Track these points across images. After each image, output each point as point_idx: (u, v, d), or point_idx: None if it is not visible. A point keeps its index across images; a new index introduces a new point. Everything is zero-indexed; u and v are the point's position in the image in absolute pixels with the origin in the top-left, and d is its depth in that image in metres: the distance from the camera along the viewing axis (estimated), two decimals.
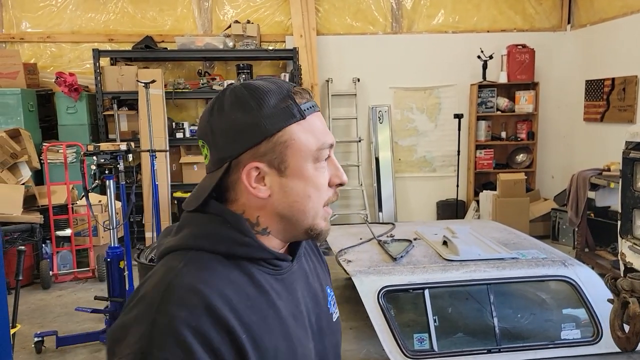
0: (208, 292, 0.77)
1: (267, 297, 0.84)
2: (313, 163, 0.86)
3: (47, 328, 3.79)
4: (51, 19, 6.28)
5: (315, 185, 0.86)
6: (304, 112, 0.85)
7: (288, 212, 0.86)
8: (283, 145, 0.84)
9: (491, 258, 3.25)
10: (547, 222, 6.05)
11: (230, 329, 0.76)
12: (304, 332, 0.89)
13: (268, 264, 0.87)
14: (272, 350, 0.81)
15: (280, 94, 0.85)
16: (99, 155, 3.34)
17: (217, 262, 0.82)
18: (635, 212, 2.29)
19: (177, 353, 0.71)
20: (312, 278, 0.97)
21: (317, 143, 0.86)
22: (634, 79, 5.19)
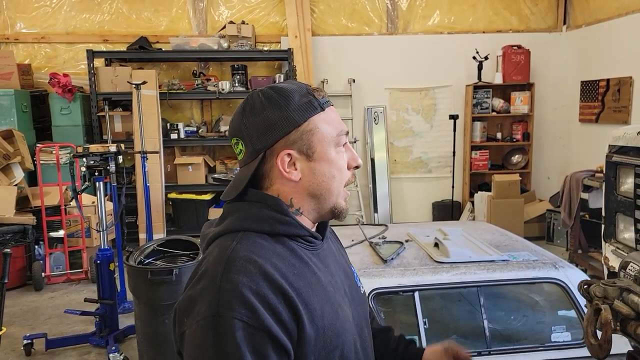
0: (261, 261, 0.91)
1: (309, 267, 0.98)
2: (334, 147, 1.02)
3: (38, 330, 3.78)
4: (46, 20, 6.27)
5: (337, 167, 1.02)
6: (323, 105, 1.02)
7: (317, 191, 1.01)
8: (309, 133, 0.99)
9: (482, 260, 3.22)
10: (542, 223, 6.04)
11: (284, 291, 0.89)
12: (342, 298, 1.03)
13: (304, 241, 1.02)
14: (319, 310, 0.94)
15: (301, 92, 1.01)
16: (88, 157, 3.33)
17: (263, 239, 0.97)
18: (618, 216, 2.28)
19: (244, 312, 0.85)
20: (339, 256, 1.14)
21: (336, 130, 1.02)
22: (628, 80, 5.18)
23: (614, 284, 1.07)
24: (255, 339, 0.84)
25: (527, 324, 3.52)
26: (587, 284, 1.12)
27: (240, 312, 0.84)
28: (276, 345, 0.86)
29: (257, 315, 0.85)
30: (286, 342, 0.88)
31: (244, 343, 0.84)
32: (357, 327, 1.05)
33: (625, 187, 2.26)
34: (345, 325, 0.99)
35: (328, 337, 0.94)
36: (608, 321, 1.02)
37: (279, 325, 0.87)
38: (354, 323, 1.03)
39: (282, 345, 0.87)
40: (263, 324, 0.85)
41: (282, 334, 0.87)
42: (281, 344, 0.87)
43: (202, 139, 6.20)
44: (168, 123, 6.14)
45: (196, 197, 6.13)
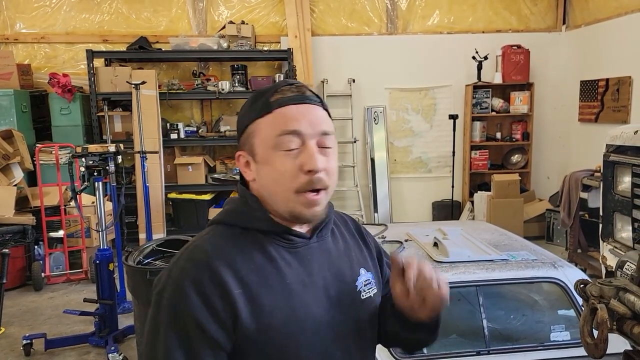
0: (213, 253, 0.96)
1: (274, 263, 0.98)
2: (276, 150, 0.97)
3: (37, 330, 3.77)
4: (45, 20, 6.28)
5: (279, 171, 0.97)
6: (271, 106, 0.97)
7: (266, 194, 1.01)
8: (251, 136, 1.00)
9: (481, 260, 3.23)
10: (542, 222, 6.03)
11: (223, 282, 0.92)
12: (315, 299, 1.00)
13: (280, 238, 1.01)
14: (269, 306, 0.94)
15: (263, 93, 1.00)
16: (87, 157, 3.33)
17: (234, 232, 1.00)
18: (616, 215, 2.28)
19: (176, 296, 0.92)
20: (337, 257, 1.08)
21: (277, 131, 0.96)
22: (627, 80, 5.18)
23: (610, 283, 1.07)
24: (184, 324, 0.91)
25: (526, 323, 3.52)
26: (583, 283, 1.12)
27: (173, 296, 0.92)
28: (204, 333, 0.91)
29: (188, 303, 0.91)
30: (216, 332, 0.91)
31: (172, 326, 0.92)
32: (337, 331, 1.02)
33: (623, 187, 2.26)
34: (307, 325, 0.97)
35: (276, 333, 0.94)
36: (604, 320, 1.02)
37: (210, 314, 0.91)
38: (330, 326, 1.01)
39: (210, 334, 0.91)
40: (192, 311, 0.90)
41: (213, 323, 0.91)
42: (210, 333, 0.91)
43: (202, 139, 6.21)
44: (168, 123, 6.14)
45: (196, 197, 6.13)
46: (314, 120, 0.98)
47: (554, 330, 3.13)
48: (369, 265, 1.15)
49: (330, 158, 1.00)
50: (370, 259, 1.18)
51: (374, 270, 1.16)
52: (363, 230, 1.22)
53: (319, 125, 0.99)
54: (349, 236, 1.16)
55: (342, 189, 6.59)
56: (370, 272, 1.13)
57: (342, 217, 1.22)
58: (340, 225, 1.17)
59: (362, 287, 1.09)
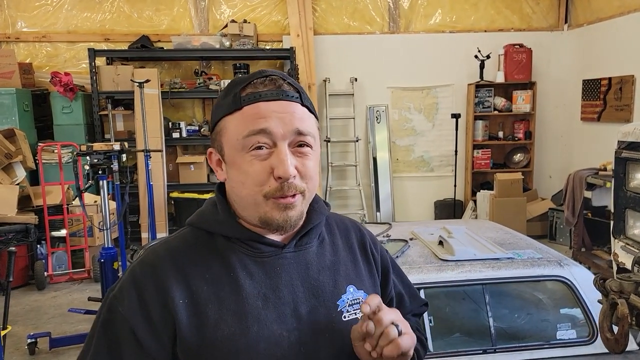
0: (163, 256, 0.90)
1: (232, 274, 0.89)
2: (243, 151, 0.87)
3: (41, 329, 3.77)
4: (47, 19, 6.26)
5: (246, 174, 0.87)
6: (240, 102, 0.88)
7: (235, 197, 0.92)
8: (219, 134, 0.91)
9: (487, 258, 3.23)
10: (544, 221, 6.03)
11: (166, 290, 0.86)
12: (278, 316, 0.89)
13: (246, 245, 0.92)
14: (214, 320, 0.86)
15: (235, 86, 0.91)
16: (92, 156, 3.32)
17: (197, 236, 0.94)
18: (627, 212, 2.28)
19: (117, 297, 0.88)
20: (316, 270, 0.95)
21: (245, 131, 0.86)
22: (630, 79, 5.18)
23: (630, 278, 1.06)
24: (117, 326, 0.86)
25: (531, 321, 3.52)
26: (603, 279, 1.12)
27: (116, 297, 0.88)
28: (134, 339, 0.85)
29: (126, 306, 0.86)
30: (148, 341, 0.84)
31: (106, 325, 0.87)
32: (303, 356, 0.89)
33: (635, 183, 2.25)
34: (259, 346, 0.86)
35: (219, 351, 0.85)
36: (625, 315, 1.01)
37: (145, 322, 0.85)
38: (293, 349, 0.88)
39: (140, 342, 0.84)
40: (128, 315, 0.85)
41: (146, 331, 0.85)
42: (140, 340, 0.84)
43: (204, 138, 6.20)
44: (170, 122, 6.13)
45: (198, 196, 6.12)
46: (287, 118, 0.87)
47: (560, 328, 3.14)
48: (362, 282, 1.00)
49: (308, 159, 0.89)
50: (369, 276, 1.03)
51: (371, 289, 1.01)
52: (368, 242, 1.07)
53: (292, 124, 0.87)
54: (343, 247, 1.03)
55: (344, 188, 6.58)
56: (363, 291, 0.98)
57: (346, 224, 1.09)
58: (336, 234, 1.04)
59: (346, 307, 0.95)
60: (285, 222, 0.88)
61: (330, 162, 6.45)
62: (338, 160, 6.55)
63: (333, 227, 1.06)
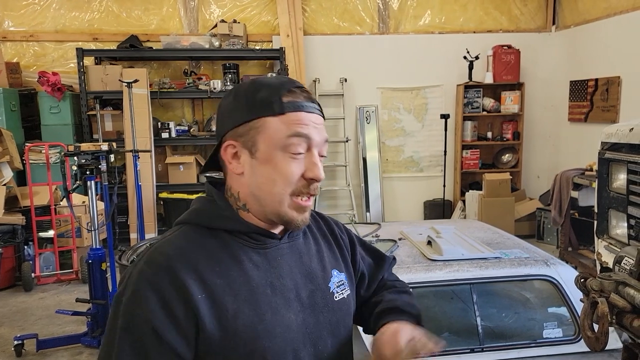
0: (175, 255, 0.91)
1: (240, 265, 0.95)
2: (282, 151, 0.94)
3: (28, 331, 3.73)
4: (34, 18, 6.21)
5: (281, 173, 0.94)
6: (284, 108, 0.94)
7: (257, 192, 0.96)
8: (256, 130, 0.95)
9: (474, 258, 3.26)
10: (532, 221, 6.09)
11: (185, 287, 0.88)
12: (285, 302, 0.97)
13: (249, 238, 0.98)
14: (232, 310, 0.91)
15: (273, 90, 0.96)
16: (79, 156, 3.30)
17: (199, 233, 0.97)
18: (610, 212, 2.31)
19: (135, 301, 0.88)
20: (307, 258, 1.06)
21: (288, 132, 0.94)
22: (616, 80, 5.24)
23: (610, 277, 1.08)
24: (140, 330, 0.86)
25: (519, 320, 3.55)
26: (583, 278, 1.14)
27: (132, 301, 0.88)
28: (160, 341, 0.86)
29: (146, 309, 0.86)
30: (174, 341, 0.87)
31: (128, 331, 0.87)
32: (309, 335, 0.99)
33: (618, 184, 2.29)
34: (276, 330, 0.94)
35: (241, 339, 0.90)
36: (605, 314, 1.03)
37: (169, 322, 0.87)
38: (302, 330, 0.98)
39: (167, 342, 0.86)
40: (150, 318, 0.86)
41: (172, 331, 0.87)
42: (167, 341, 0.86)
43: (194, 138, 6.18)
44: (159, 122, 6.10)
45: (188, 196, 6.09)
46: (320, 129, 0.98)
47: (546, 327, 3.17)
48: (341, 266, 1.13)
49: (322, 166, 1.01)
50: (343, 259, 1.15)
51: (346, 271, 1.14)
52: (335, 228, 1.19)
53: (323, 135, 0.99)
54: (320, 236, 1.14)
55: (334, 188, 6.59)
56: (343, 273, 1.11)
57: (314, 215, 1.19)
58: (312, 226, 1.14)
59: (335, 288, 1.07)
60: (303, 222, 0.99)
61: None
62: (328, 161, 6.56)
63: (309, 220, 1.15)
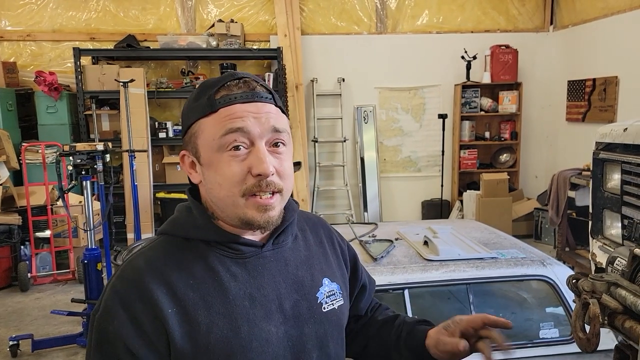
0: (145, 267, 0.88)
1: (216, 277, 0.90)
2: (220, 152, 0.88)
3: (23, 331, 3.72)
4: (31, 17, 6.20)
5: (223, 175, 0.88)
6: (215, 105, 0.88)
7: (212, 198, 0.92)
8: (195, 136, 0.91)
9: (470, 258, 3.25)
10: (530, 221, 6.09)
11: (155, 302, 0.85)
12: (265, 314, 0.92)
13: (227, 248, 0.93)
14: (206, 325, 0.87)
15: (208, 89, 0.91)
16: (75, 156, 3.29)
17: (174, 244, 0.93)
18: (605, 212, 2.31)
19: (105, 317, 0.86)
20: (294, 265, 0.99)
21: (222, 131, 0.87)
22: (614, 80, 5.24)
23: (602, 278, 1.08)
24: (114, 347, 0.84)
25: (515, 321, 3.54)
26: (575, 279, 1.13)
27: (102, 316, 0.86)
28: (129, 354, 0.84)
29: (115, 324, 0.84)
30: (144, 355, 0.84)
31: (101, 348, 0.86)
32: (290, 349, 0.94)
33: (612, 184, 2.29)
34: (253, 344, 0.89)
35: (214, 354, 0.86)
36: (596, 315, 1.02)
37: (139, 337, 0.84)
38: (284, 342, 0.93)
39: (135, 355, 0.84)
40: (121, 334, 0.84)
41: (142, 347, 0.84)
42: (135, 354, 0.84)
43: None
44: (156, 122, 6.09)
45: (185, 196, 6.05)
46: (263, 117, 0.89)
47: (542, 327, 3.16)
48: (335, 275, 1.06)
49: (283, 158, 0.92)
50: (338, 268, 1.09)
51: (342, 280, 1.07)
52: (335, 237, 1.13)
53: (269, 123, 0.89)
54: (314, 242, 1.07)
55: (331, 188, 6.59)
56: (336, 283, 1.04)
57: (313, 221, 1.13)
58: (307, 230, 1.09)
59: (325, 298, 1.01)
60: (267, 222, 0.90)
61: (318, 162, 6.45)
62: (325, 161, 6.56)
63: (303, 224, 1.09)
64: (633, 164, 2.04)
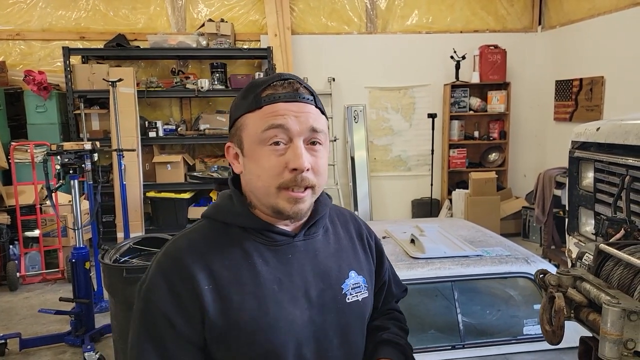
0: (186, 247, 0.98)
1: (249, 260, 0.99)
2: (261, 145, 0.97)
3: (12, 330, 3.72)
4: (21, 16, 6.17)
5: (262, 167, 0.97)
6: (261, 102, 0.97)
7: (251, 188, 1.01)
8: (240, 129, 1.01)
9: (456, 255, 3.29)
10: (518, 220, 6.14)
11: (193, 278, 0.94)
12: (291, 298, 0.99)
13: (261, 235, 1.01)
14: (237, 302, 0.95)
15: (255, 87, 1.00)
16: (62, 155, 3.29)
17: (214, 228, 1.02)
18: (580, 210, 2.35)
19: (151, 290, 0.96)
20: (323, 256, 1.07)
21: (263, 126, 0.96)
22: (600, 80, 5.30)
23: (568, 273, 1.11)
24: (155, 317, 0.94)
25: (501, 318, 3.59)
26: (542, 273, 1.16)
27: (148, 290, 0.96)
28: (172, 327, 0.94)
29: (159, 297, 0.94)
30: (184, 327, 0.94)
31: (145, 317, 0.96)
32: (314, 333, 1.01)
33: (586, 182, 2.33)
34: (279, 324, 0.97)
35: (242, 330, 0.95)
36: (561, 308, 1.05)
37: (177, 309, 0.94)
38: (307, 327, 1.00)
39: (178, 328, 0.94)
40: (162, 305, 0.94)
41: (181, 318, 0.94)
42: (178, 327, 0.94)
43: (182, 137, 6.17)
44: (146, 121, 6.09)
45: (175, 195, 6.10)
46: (303, 117, 0.97)
47: (527, 324, 3.21)
48: (362, 268, 1.13)
49: (319, 156, 1.00)
50: (366, 262, 1.16)
51: (368, 274, 1.14)
52: (364, 232, 1.20)
53: (308, 122, 0.97)
54: (344, 236, 1.15)
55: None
56: (362, 276, 1.11)
57: (345, 215, 1.21)
58: (337, 224, 1.16)
59: (349, 290, 1.08)
60: (296, 213, 0.99)
61: None
62: None
63: (334, 218, 1.18)
64: (605, 162, 2.08)
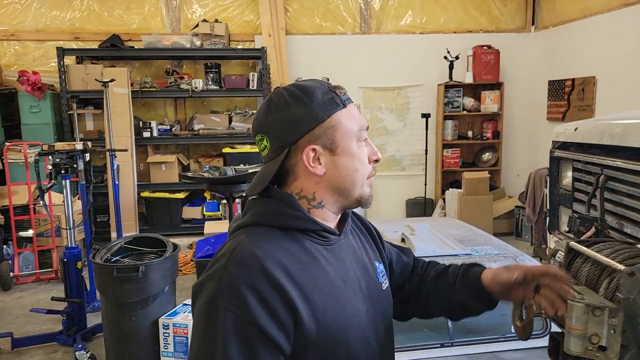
0: (263, 256, 0.93)
1: (317, 262, 1.01)
2: (356, 142, 1.05)
3: (4, 330, 3.72)
4: (15, 17, 6.18)
5: (360, 160, 1.05)
6: (345, 102, 1.05)
7: (341, 185, 1.05)
8: (332, 129, 1.02)
9: (445, 254, 3.30)
10: (511, 219, 6.17)
11: (281, 286, 0.91)
12: (354, 294, 1.04)
13: (318, 236, 1.04)
14: (322, 305, 0.96)
15: (323, 89, 1.05)
16: (54, 155, 3.31)
17: (273, 233, 1.00)
18: (561, 209, 2.38)
19: (235, 303, 0.89)
20: (359, 252, 1.14)
21: (358, 125, 1.05)
22: (592, 80, 5.33)
23: None
24: (245, 331, 0.88)
25: (491, 316, 3.61)
26: None
27: (232, 304, 0.89)
28: (266, 339, 0.89)
29: (248, 309, 0.88)
30: (278, 337, 0.90)
31: (232, 333, 0.88)
32: (372, 323, 1.07)
33: (566, 181, 2.36)
34: (354, 320, 1.01)
35: (331, 331, 0.96)
36: (530, 304, 1.08)
37: (272, 320, 0.89)
38: (367, 319, 1.06)
39: (272, 340, 0.89)
40: (254, 317, 0.88)
41: (275, 328, 0.89)
42: (272, 338, 0.89)
43: (176, 137, 6.18)
44: (141, 121, 6.10)
45: (169, 195, 6.12)
46: None
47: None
48: (378, 257, 1.22)
49: None
50: (378, 250, 1.24)
51: (383, 261, 1.22)
52: (366, 222, 1.27)
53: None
54: (358, 231, 1.21)
55: None
56: (382, 264, 1.20)
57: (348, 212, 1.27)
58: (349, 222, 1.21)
59: (381, 278, 1.16)
60: (371, 197, 1.11)
61: None
62: None
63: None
64: (581, 162, 2.12)
